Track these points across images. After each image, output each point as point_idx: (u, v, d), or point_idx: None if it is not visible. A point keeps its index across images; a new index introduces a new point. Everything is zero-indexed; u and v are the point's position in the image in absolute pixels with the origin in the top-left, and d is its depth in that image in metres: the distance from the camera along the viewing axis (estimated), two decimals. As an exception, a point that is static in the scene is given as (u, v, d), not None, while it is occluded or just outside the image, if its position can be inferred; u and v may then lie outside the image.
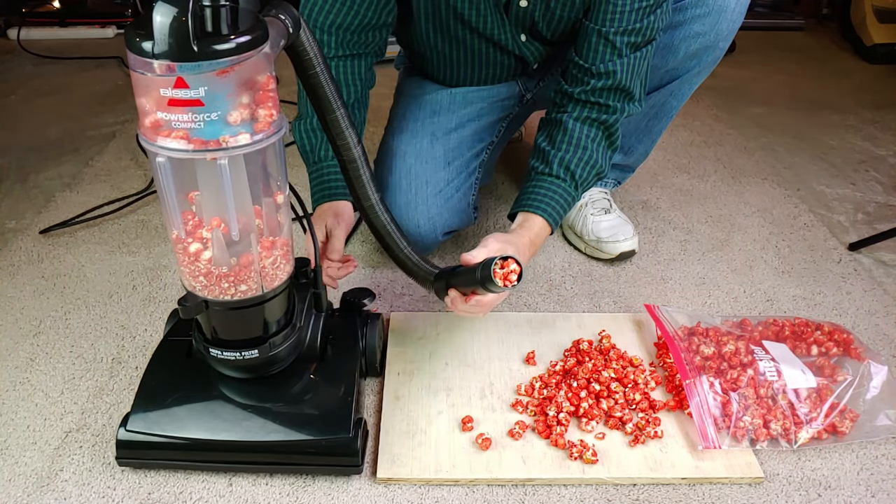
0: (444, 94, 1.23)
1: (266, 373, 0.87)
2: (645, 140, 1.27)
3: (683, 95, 1.21)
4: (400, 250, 0.97)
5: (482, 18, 1.09)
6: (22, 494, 0.84)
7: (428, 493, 0.84)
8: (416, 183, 1.16)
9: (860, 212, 1.48)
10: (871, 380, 0.95)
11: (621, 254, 1.26)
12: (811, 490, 0.86)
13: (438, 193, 1.17)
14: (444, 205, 1.18)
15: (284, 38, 0.73)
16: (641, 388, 0.95)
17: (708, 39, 1.12)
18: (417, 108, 1.23)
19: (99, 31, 2.55)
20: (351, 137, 0.85)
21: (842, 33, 2.63)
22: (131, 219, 1.39)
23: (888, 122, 1.92)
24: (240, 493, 0.84)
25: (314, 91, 0.81)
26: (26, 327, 1.10)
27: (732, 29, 1.13)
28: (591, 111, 1.06)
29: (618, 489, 0.85)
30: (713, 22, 1.11)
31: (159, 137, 0.66)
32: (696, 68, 1.16)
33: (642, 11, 1.01)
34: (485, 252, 0.91)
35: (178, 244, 0.75)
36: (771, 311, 1.17)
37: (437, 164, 1.18)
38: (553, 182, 1.05)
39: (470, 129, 1.23)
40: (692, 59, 1.14)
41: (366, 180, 0.88)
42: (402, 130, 1.21)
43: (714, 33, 1.12)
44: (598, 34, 1.02)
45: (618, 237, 1.26)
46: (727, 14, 1.11)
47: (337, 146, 0.86)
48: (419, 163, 1.17)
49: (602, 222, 1.28)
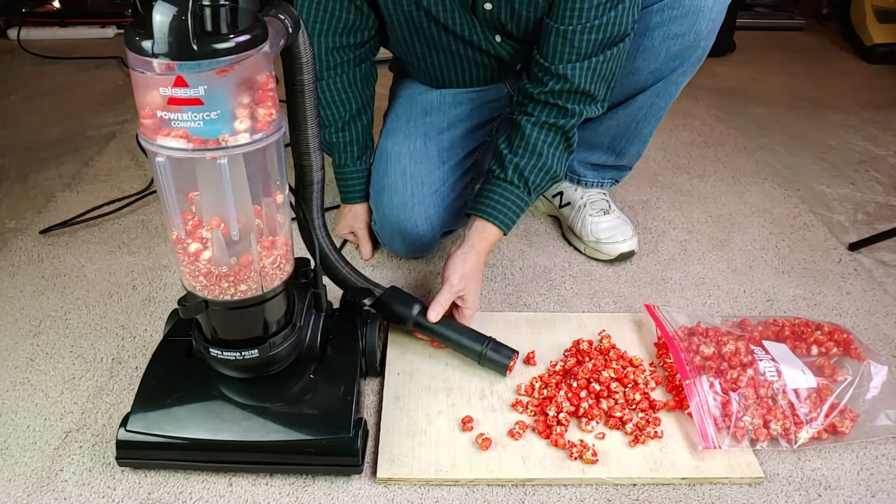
0: (434, 95, 1.24)
1: (266, 373, 0.87)
2: (636, 141, 1.27)
3: (671, 95, 1.20)
4: (339, 270, 1.05)
5: (454, 21, 1.10)
6: (22, 494, 0.84)
7: (428, 493, 0.84)
8: (412, 183, 1.17)
9: (860, 212, 1.48)
10: (871, 380, 0.95)
11: (620, 254, 1.26)
12: (811, 490, 0.86)
13: (435, 193, 1.18)
14: (440, 204, 1.18)
15: (284, 38, 0.74)
16: (641, 388, 0.95)
17: (688, 40, 1.10)
18: (409, 108, 1.24)
19: (99, 31, 2.55)
20: (316, 161, 0.91)
21: (842, 33, 2.63)
22: (131, 219, 1.39)
23: (888, 122, 1.92)
24: (240, 493, 0.84)
25: (295, 98, 0.83)
26: (26, 327, 1.10)
27: (712, 28, 1.11)
28: (549, 115, 1.06)
29: (618, 489, 0.85)
30: (691, 22, 1.09)
31: (159, 136, 0.66)
32: (681, 69, 1.15)
33: (602, 7, 0.99)
34: (449, 291, 1.02)
35: (177, 244, 0.75)
36: (771, 311, 1.17)
37: (432, 164, 1.19)
38: (507, 188, 1.08)
39: (462, 129, 1.23)
40: (674, 59, 1.13)
41: (315, 206, 0.94)
42: (395, 131, 1.22)
43: (693, 34, 1.10)
44: (558, 33, 1.02)
45: (616, 238, 1.26)
46: (705, 13, 1.09)
47: (301, 164, 0.91)
48: (414, 163, 1.18)
49: (601, 223, 1.28)
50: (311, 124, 0.86)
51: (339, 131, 1.22)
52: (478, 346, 0.99)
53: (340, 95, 1.18)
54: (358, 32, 1.13)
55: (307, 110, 0.85)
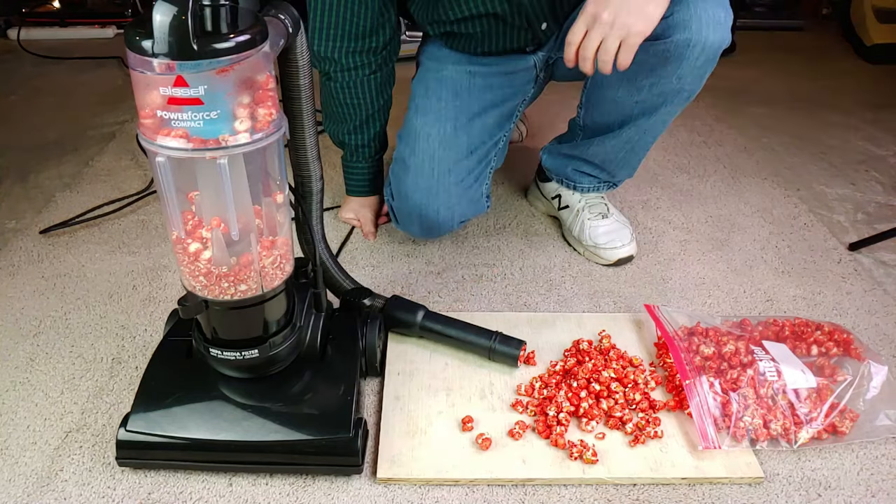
0: (462, 75, 1.21)
1: (266, 373, 0.87)
2: (626, 167, 1.26)
3: (657, 131, 1.18)
4: (340, 284, 1.06)
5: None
6: (22, 494, 0.84)
7: (428, 494, 0.84)
8: (438, 169, 1.17)
9: (860, 212, 1.48)
10: (871, 380, 0.95)
11: (619, 260, 1.26)
12: (811, 490, 0.86)
13: (459, 183, 1.18)
14: (462, 195, 1.19)
15: (284, 38, 0.74)
16: (641, 388, 0.95)
17: (670, 83, 1.06)
18: (439, 86, 1.21)
19: (99, 31, 2.55)
20: (315, 171, 0.91)
21: (842, 33, 2.63)
22: (131, 219, 1.39)
23: (888, 122, 1.92)
24: (240, 493, 0.84)
25: (292, 104, 0.83)
26: (26, 327, 1.10)
27: (698, 75, 1.06)
28: None
29: (618, 489, 0.85)
30: (675, 67, 1.04)
31: (159, 136, 0.66)
32: (665, 106, 1.11)
33: None
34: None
35: (177, 244, 0.75)
36: (771, 311, 1.17)
37: (460, 153, 1.18)
38: None
39: (492, 117, 1.23)
40: (659, 97, 1.10)
41: (314, 217, 0.94)
42: (426, 111, 1.20)
43: (676, 77, 1.05)
44: None
45: (615, 243, 1.26)
46: (690, 61, 1.02)
47: (300, 175, 0.91)
48: (443, 148, 1.17)
49: (599, 227, 1.27)
50: (309, 132, 0.86)
51: (352, 133, 1.22)
52: (486, 341, 1.00)
53: (356, 99, 1.19)
54: (379, 31, 1.14)
55: (305, 117, 0.85)
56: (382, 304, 1.05)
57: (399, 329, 1.05)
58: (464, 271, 1.25)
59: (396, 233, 1.35)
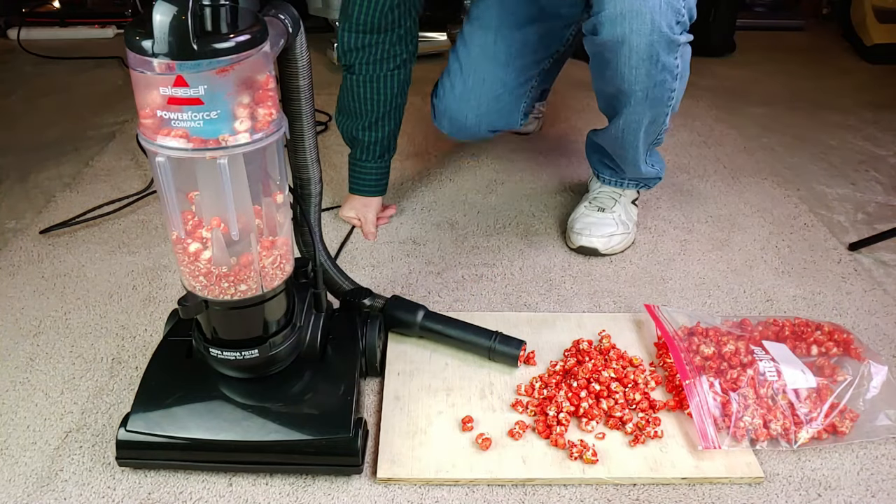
0: None
1: (266, 373, 0.87)
2: (625, 164, 1.27)
3: (636, 132, 1.16)
4: (339, 286, 1.06)
5: None
6: (22, 494, 0.84)
7: (428, 493, 0.84)
8: (474, 77, 1.21)
9: (860, 212, 1.48)
10: (871, 380, 0.95)
11: (580, 247, 1.27)
12: (811, 490, 0.86)
13: (491, 92, 1.22)
14: (493, 105, 1.22)
15: (284, 38, 0.74)
16: (641, 388, 0.95)
17: (615, 84, 1.05)
18: None
19: (99, 31, 2.55)
20: (314, 173, 0.91)
21: (842, 33, 2.63)
22: (131, 219, 1.40)
23: (888, 122, 1.92)
24: (240, 493, 0.84)
25: (292, 106, 0.83)
26: (26, 327, 1.10)
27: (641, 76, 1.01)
28: None
29: (618, 489, 0.85)
30: (616, 63, 1.02)
31: (159, 136, 0.66)
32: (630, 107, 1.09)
33: None
34: None
35: (177, 244, 0.75)
36: (771, 311, 1.17)
37: (498, 62, 1.21)
38: None
39: (535, 31, 1.24)
40: (621, 95, 1.07)
41: (313, 220, 0.95)
42: (476, 18, 1.24)
43: (619, 77, 1.03)
44: None
45: (585, 231, 1.26)
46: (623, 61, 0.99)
47: (299, 177, 0.91)
48: (482, 58, 1.21)
49: (586, 217, 1.29)
50: (308, 134, 0.86)
51: (366, 129, 1.23)
52: (486, 341, 1.00)
53: (377, 94, 1.21)
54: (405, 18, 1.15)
55: (304, 118, 0.85)
56: (382, 304, 1.05)
57: (399, 329, 1.05)
58: (464, 271, 1.25)
59: (396, 233, 1.35)
